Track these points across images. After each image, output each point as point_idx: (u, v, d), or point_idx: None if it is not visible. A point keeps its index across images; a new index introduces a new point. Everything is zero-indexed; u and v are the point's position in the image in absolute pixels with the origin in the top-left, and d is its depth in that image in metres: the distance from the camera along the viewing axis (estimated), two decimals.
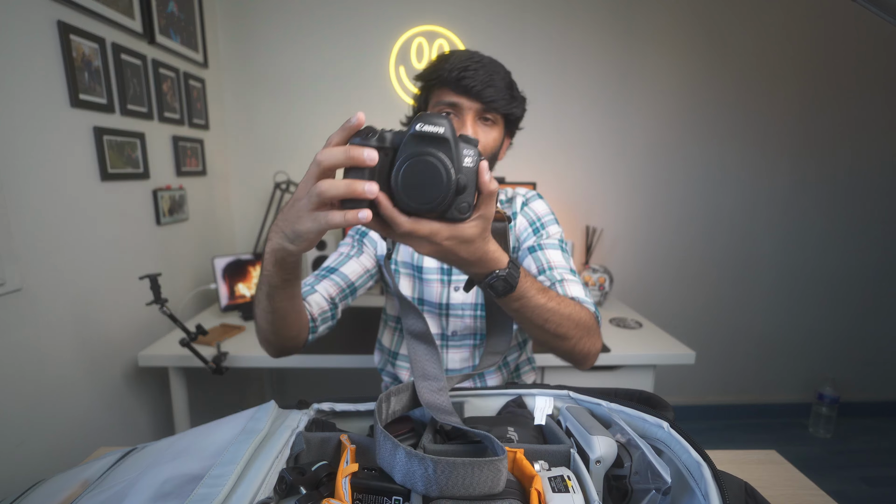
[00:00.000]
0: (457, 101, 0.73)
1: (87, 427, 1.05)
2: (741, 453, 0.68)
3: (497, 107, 0.73)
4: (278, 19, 1.68)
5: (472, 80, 0.70)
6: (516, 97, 0.77)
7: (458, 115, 0.74)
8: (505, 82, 0.74)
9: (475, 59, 0.72)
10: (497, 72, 0.73)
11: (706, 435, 2.03)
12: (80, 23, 1.02)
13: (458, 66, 0.71)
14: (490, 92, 0.71)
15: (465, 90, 0.71)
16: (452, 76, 0.71)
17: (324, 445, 0.47)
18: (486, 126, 0.75)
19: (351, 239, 0.89)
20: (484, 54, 0.75)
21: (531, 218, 0.88)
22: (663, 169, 1.89)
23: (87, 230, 1.06)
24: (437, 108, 0.75)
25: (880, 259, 2.01)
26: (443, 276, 0.84)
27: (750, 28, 1.78)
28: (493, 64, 0.74)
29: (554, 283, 0.77)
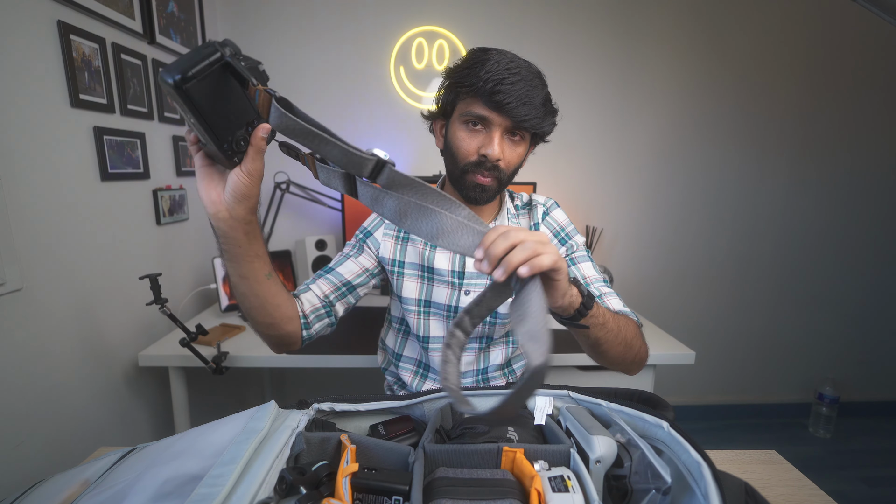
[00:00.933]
0: (488, 115, 0.69)
1: (87, 427, 1.05)
2: (741, 453, 0.68)
3: (528, 127, 0.70)
4: (278, 19, 1.67)
5: (507, 95, 0.66)
6: (549, 113, 0.73)
7: (487, 128, 0.72)
8: (541, 98, 0.70)
9: (513, 70, 0.68)
10: (535, 87, 0.69)
11: (706, 435, 2.03)
12: (80, 23, 1.02)
13: (495, 77, 0.67)
14: (523, 111, 0.68)
15: (497, 106, 0.67)
16: (487, 88, 0.67)
17: (324, 445, 0.47)
18: (512, 143, 0.73)
19: (354, 240, 0.88)
20: (522, 61, 0.71)
21: (555, 228, 0.87)
22: (663, 169, 1.89)
23: (88, 230, 1.06)
24: (466, 117, 0.72)
25: (880, 259, 2.01)
26: (454, 279, 0.83)
27: (750, 28, 1.78)
28: (531, 77, 0.70)
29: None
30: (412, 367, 0.91)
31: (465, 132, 0.73)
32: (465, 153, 0.74)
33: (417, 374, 0.90)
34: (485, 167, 0.73)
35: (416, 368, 0.91)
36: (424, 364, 0.89)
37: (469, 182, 0.75)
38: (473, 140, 0.73)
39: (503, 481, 0.41)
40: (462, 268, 0.83)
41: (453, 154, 0.76)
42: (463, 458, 0.44)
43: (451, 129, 0.76)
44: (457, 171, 0.76)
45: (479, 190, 0.75)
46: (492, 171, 0.73)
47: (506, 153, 0.73)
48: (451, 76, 0.74)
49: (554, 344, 0.66)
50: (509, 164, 0.75)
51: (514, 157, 0.75)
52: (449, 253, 0.83)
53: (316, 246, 1.66)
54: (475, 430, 0.50)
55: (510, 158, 0.74)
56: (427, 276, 0.84)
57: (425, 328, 0.86)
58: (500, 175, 0.74)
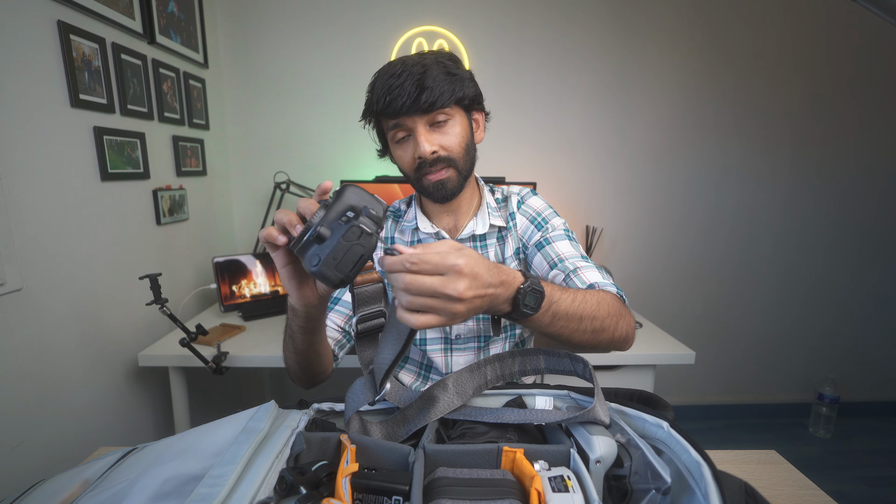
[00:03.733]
0: (400, 122, 0.70)
1: (88, 427, 1.05)
2: (741, 453, 0.68)
3: (441, 105, 0.68)
4: (278, 19, 1.68)
5: (399, 97, 0.67)
6: (458, 79, 0.70)
7: (409, 133, 0.72)
8: (437, 73, 0.68)
9: (396, 72, 0.68)
10: (424, 69, 0.67)
11: (706, 435, 2.03)
12: (80, 23, 1.02)
13: (383, 89, 0.68)
14: (425, 96, 0.67)
15: (398, 111, 0.68)
16: (381, 106, 0.69)
17: (324, 445, 0.47)
18: (441, 129, 0.71)
19: None
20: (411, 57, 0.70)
21: (530, 215, 0.86)
22: (663, 169, 1.89)
23: (88, 230, 1.06)
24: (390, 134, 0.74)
25: (880, 259, 2.01)
26: None
27: (750, 28, 1.78)
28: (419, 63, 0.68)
29: (568, 274, 0.75)
30: (414, 369, 0.91)
31: (398, 148, 0.75)
32: (408, 165, 0.75)
33: (420, 377, 0.90)
34: (427, 165, 0.72)
35: (417, 370, 0.91)
36: (425, 365, 0.89)
37: (426, 185, 0.74)
38: (406, 151, 0.74)
39: (503, 481, 0.41)
40: None
41: (403, 171, 0.78)
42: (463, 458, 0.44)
43: (392, 153, 0.78)
44: (413, 182, 0.78)
45: (438, 187, 0.74)
46: (437, 164, 0.72)
47: (439, 141, 0.71)
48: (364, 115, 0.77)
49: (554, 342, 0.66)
50: (451, 149, 0.72)
51: (452, 139, 0.72)
52: None
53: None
54: (475, 430, 0.50)
55: (447, 143, 0.72)
56: None
57: (421, 332, 0.86)
58: (449, 163, 0.73)
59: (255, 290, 1.48)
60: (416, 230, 0.85)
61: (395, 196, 1.53)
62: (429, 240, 0.84)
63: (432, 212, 0.84)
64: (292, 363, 0.69)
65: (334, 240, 0.43)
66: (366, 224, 0.44)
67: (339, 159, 1.79)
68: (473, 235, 0.84)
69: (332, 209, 0.44)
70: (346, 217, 0.44)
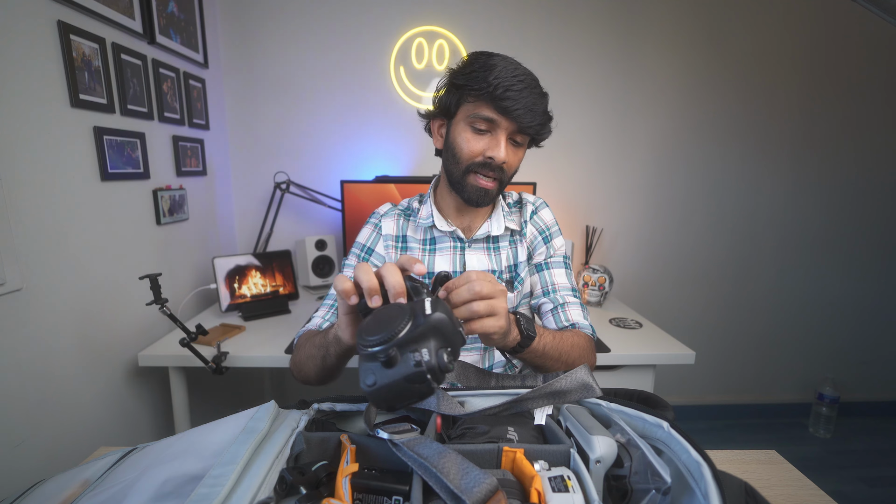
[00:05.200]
0: (496, 118, 0.71)
1: (88, 427, 1.05)
2: (741, 453, 0.68)
3: (532, 133, 0.74)
4: (278, 19, 1.68)
5: (515, 101, 0.69)
6: (548, 120, 0.76)
7: (492, 130, 0.73)
8: (543, 106, 0.73)
9: (520, 77, 0.70)
10: (539, 95, 0.72)
11: (706, 435, 2.03)
12: (80, 23, 1.02)
13: (504, 83, 0.69)
14: (529, 118, 0.70)
15: (506, 111, 0.70)
16: (497, 93, 0.69)
17: (324, 445, 0.47)
18: (515, 147, 0.76)
19: (355, 258, 0.89)
20: (525, 69, 0.73)
21: (540, 227, 0.90)
22: (664, 168, 1.89)
23: (87, 230, 1.06)
24: (472, 119, 0.73)
25: (880, 259, 2.01)
26: None
27: (751, 28, 1.78)
28: (535, 86, 0.72)
29: (556, 307, 0.83)
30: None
31: (471, 133, 0.75)
32: (470, 154, 0.75)
33: None
34: (490, 168, 0.75)
35: None
36: None
37: (471, 185, 0.77)
38: (479, 142, 0.74)
39: (503, 481, 0.40)
40: (463, 268, 0.85)
41: (456, 155, 0.77)
42: None
43: (454, 130, 0.77)
44: (458, 171, 0.77)
45: (481, 193, 0.77)
46: (496, 173, 0.76)
47: (509, 156, 0.75)
48: (457, 78, 0.74)
49: None
50: (511, 167, 0.77)
51: (516, 161, 0.78)
52: (448, 255, 0.85)
53: (316, 246, 1.66)
54: (475, 430, 0.50)
55: (512, 162, 0.77)
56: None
57: None
58: (502, 177, 0.77)
59: (255, 290, 1.48)
60: (431, 228, 0.86)
61: (392, 197, 1.53)
62: (444, 238, 0.85)
63: (447, 211, 0.85)
64: (311, 371, 0.71)
65: (397, 374, 0.39)
66: (433, 375, 0.39)
67: (339, 159, 1.79)
68: (489, 237, 0.86)
69: (413, 330, 0.40)
70: (419, 356, 0.39)
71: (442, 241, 0.86)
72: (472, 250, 0.85)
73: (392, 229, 0.88)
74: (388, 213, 0.90)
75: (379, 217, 0.90)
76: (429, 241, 0.86)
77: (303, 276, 1.68)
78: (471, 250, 0.85)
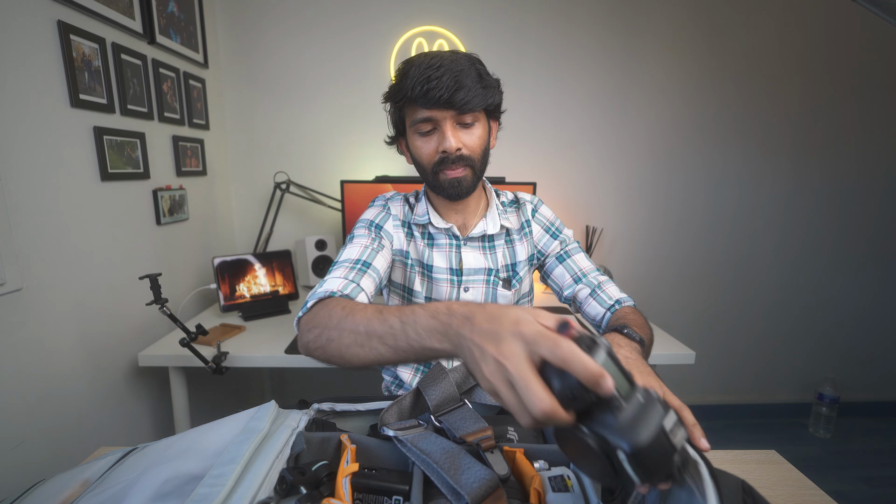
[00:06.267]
0: (429, 114, 0.71)
1: (88, 427, 1.05)
2: (741, 453, 0.68)
3: (472, 107, 0.71)
4: (278, 19, 1.68)
5: (437, 89, 0.68)
6: (489, 86, 0.73)
7: (435, 126, 0.73)
8: (472, 77, 0.70)
9: (434, 64, 0.69)
10: (462, 69, 0.69)
11: (706, 434, 2.03)
12: (80, 23, 1.02)
13: (420, 78, 0.68)
14: (460, 95, 0.68)
15: (433, 103, 0.69)
16: (417, 92, 0.69)
17: (324, 445, 0.47)
18: (466, 130, 0.75)
19: (367, 230, 0.83)
20: (445, 52, 0.72)
21: (544, 224, 0.91)
22: (663, 169, 1.89)
23: (87, 230, 1.06)
24: (415, 126, 0.74)
25: (880, 259, 2.01)
26: (452, 277, 0.85)
27: (751, 27, 1.78)
28: (456, 61, 0.70)
29: (594, 289, 0.84)
30: (411, 365, 0.91)
31: (420, 139, 0.76)
32: (427, 158, 0.76)
33: (418, 372, 0.90)
34: (450, 161, 0.74)
35: (414, 366, 0.91)
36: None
37: (442, 181, 0.77)
38: (429, 143, 0.75)
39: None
40: (459, 265, 0.85)
41: (419, 163, 0.79)
42: None
43: (409, 143, 0.79)
44: (428, 176, 0.78)
45: (454, 184, 0.76)
46: (458, 162, 0.75)
47: (464, 140, 0.74)
48: (389, 98, 0.77)
49: None
50: (473, 149, 0.75)
51: (475, 140, 0.75)
52: (444, 252, 0.85)
53: (316, 246, 1.66)
54: None
55: (471, 143, 0.75)
56: (427, 274, 0.86)
57: None
58: (469, 162, 0.76)
59: (255, 290, 1.48)
60: (427, 225, 0.86)
61: None
62: (440, 235, 0.86)
63: (441, 209, 0.86)
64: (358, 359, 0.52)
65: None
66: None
67: (339, 159, 1.79)
68: (484, 235, 0.86)
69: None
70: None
71: (438, 238, 0.86)
72: (467, 248, 0.86)
73: (399, 213, 0.88)
74: (394, 198, 0.90)
75: (385, 200, 0.90)
76: (427, 236, 0.86)
77: (303, 276, 1.68)
78: (466, 248, 0.85)
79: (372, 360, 0.49)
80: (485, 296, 0.85)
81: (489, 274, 0.85)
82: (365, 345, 0.50)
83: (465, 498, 0.36)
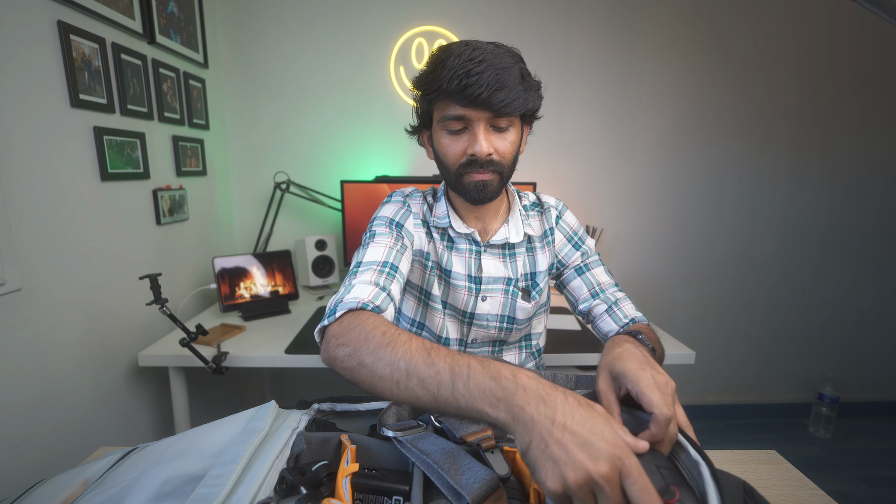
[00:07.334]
0: (464, 113, 0.65)
1: (88, 427, 1.05)
2: (741, 453, 0.68)
3: (510, 111, 0.65)
4: (278, 19, 1.68)
5: (476, 86, 0.61)
6: (531, 88, 0.68)
7: (468, 126, 0.68)
8: (516, 77, 0.64)
9: (476, 58, 0.62)
10: (504, 67, 0.63)
11: (706, 435, 2.03)
12: (80, 23, 1.02)
13: (459, 71, 0.62)
14: (500, 96, 0.62)
15: (470, 100, 0.63)
16: (454, 86, 0.62)
17: (324, 445, 0.47)
18: (500, 132, 0.69)
19: (389, 229, 0.77)
20: (487, 45, 0.65)
21: (568, 233, 0.86)
22: (664, 168, 1.89)
23: (88, 230, 1.06)
24: (444, 122, 0.68)
25: (880, 259, 2.01)
26: (471, 285, 0.81)
27: (751, 28, 1.78)
28: (499, 56, 0.64)
29: (611, 306, 0.80)
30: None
31: (448, 137, 0.70)
32: (454, 158, 0.70)
33: None
34: (478, 165, 0.69)
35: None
36: None
37: (467, 183, 0.71)
38: (458, 143, 0.69)
39: None
40: (479, 272, 0.80)
41: (443, 162, 0.73)
42: None
43: (435, 138, 0.73)
44: (451, 177, 0.73)
45: (479, 188, 0.71)
46: (487, 167, 0.69)
47: (496, 145, 0.69)
48: (419, 85, 0.70)
49: (556, 345, 0.67)
50: (504, 155, 0.70)
51: (507, 146, 0.70)
52: (464, 257, 0.81)
53: (316, 246, 1.66)
54: None
55: (502, 149, 0.69)
56: (445, 279, 0.82)
57: (445, 329, 0.83)
58: (498, 168, 0.70)
59: (255, 291, 1.48)
60: (448, 228, 0.81)
61: None
62: (461, 240, 0.81)
63: (461, 211, 0.81)
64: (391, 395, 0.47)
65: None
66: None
67: (339, 159, 1.79)
68: (506, 244, 0.81)
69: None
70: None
71: (459, 242, 0.81)
72: (487, 255, 0.81)
73: (420, 211, 0.82)
74: (413, 195, 0.84)
75: (403, 196, 0.84)
76: (446, 238, 0.82)
77: (303, 276, 1.68)
78: (487, 255, 0.81)
79: (405, 399, 0.45)
80: (503, 307, 0.81)
81: (508, 283, 0.81)
82: (402, 383, 0.45)
83: (465, 498, 0.36)
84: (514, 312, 0.81)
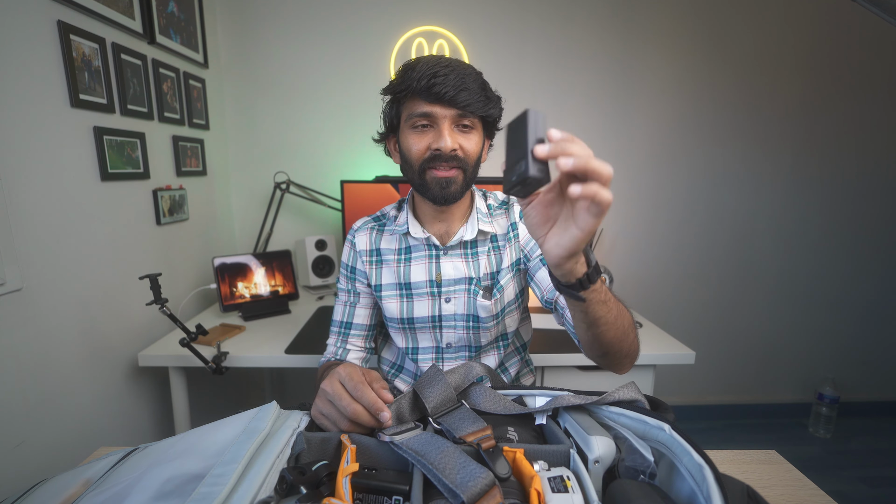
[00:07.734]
0: (430, 110, 0.70)
1: (88, 427, 1.05)
2: (741, 453, 0.68)
3: (473, 110, 0.70)
4: (278, 19, 1.68)
5: (443, 85, 0.67)
6: (491, 98, 0.73)
7: (434, 124, 0.71)
8: (477, 84, 0.71)
9: (443, 63, 0.69)
10: (468, 74, 0.70)
11: (706, 435, 2.03)
12: (80, 23, 1.02)
13: (427, 73, 0.67)
14: (464, 96, 0.68)
15: (437, 97, 0.68)
16: (422, 84, 0.68)
17: (324, 445, 0.47)
18: (464, 133, 0.73)
19: (345, 281, 0.89)
20: (452, 59, 0.72)
21: None
22: (664, 169, 1.89)
23: (88, 230, 1.06)
24: (411, 120, 0.72)
25: (880, 259, 2.01)
26: (433, 289, 0.83)
27: (751, 28, 1.78)
28: (463, 67, 0.71)
29: None
30: (408, 379, 0.92)
31: (414, 134, 0.73)
32: (418, 152, 0.73)
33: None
34: (442, 160, 0.71)
35: (411, 380, 0.91)
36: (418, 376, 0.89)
37: (430, 179, 0.73)
38: (423, 139, 0.72)
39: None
40: (438, 277, 0.82)
41: (407, 159, 0.75)
42: None
43: (401, 138, 0.76)
44: (415, 174, 0.75)
45: (443, 185, 0.73)
46: (452, 162, 0.72)
47: (461, 142, 0.72)
48: (390, 90, 0.75)
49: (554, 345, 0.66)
50: (468, 154, 0.73)
51: (471, 145, 0.73)
52: (423, 264, 0.83)
53: (316, 246, 1.66)
54: None
55: (467, 147, 0.73)
56: (405, 294, 0.83)
57: (413, 340, 0.87)
58: (462, 165, 0.73)
59: (255, 291, 1.48)
60: (405, 235, 0.83)
61: (391, 197, 1.53)
62: (419, 246, 0.83)
63: (425, 217, 0.82)
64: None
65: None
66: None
67: (339, 159, 1.79)
68: (464, 242, 0.82)
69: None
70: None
71: (417, 250, 0.83)
72: (447, 258, 0.82)
73: (365, 244, 0.87)
74: (361, 228, 0.88)
75: (353, 233, 0.89)
76: (403, 251, 0.84)
77: (303, 276, 1.68)
78: (446, 258, 0.82)
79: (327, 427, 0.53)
80: (466, 306, 0.82)
81: (470, 283, 0.82)
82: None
83: (461, 496, 0.36)
84: (476, 311, 0.82)
